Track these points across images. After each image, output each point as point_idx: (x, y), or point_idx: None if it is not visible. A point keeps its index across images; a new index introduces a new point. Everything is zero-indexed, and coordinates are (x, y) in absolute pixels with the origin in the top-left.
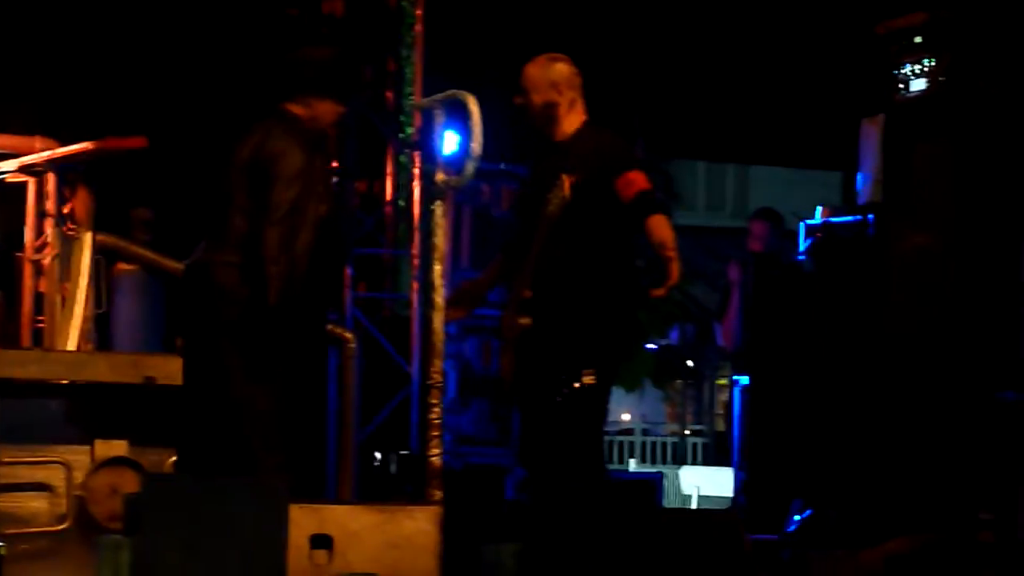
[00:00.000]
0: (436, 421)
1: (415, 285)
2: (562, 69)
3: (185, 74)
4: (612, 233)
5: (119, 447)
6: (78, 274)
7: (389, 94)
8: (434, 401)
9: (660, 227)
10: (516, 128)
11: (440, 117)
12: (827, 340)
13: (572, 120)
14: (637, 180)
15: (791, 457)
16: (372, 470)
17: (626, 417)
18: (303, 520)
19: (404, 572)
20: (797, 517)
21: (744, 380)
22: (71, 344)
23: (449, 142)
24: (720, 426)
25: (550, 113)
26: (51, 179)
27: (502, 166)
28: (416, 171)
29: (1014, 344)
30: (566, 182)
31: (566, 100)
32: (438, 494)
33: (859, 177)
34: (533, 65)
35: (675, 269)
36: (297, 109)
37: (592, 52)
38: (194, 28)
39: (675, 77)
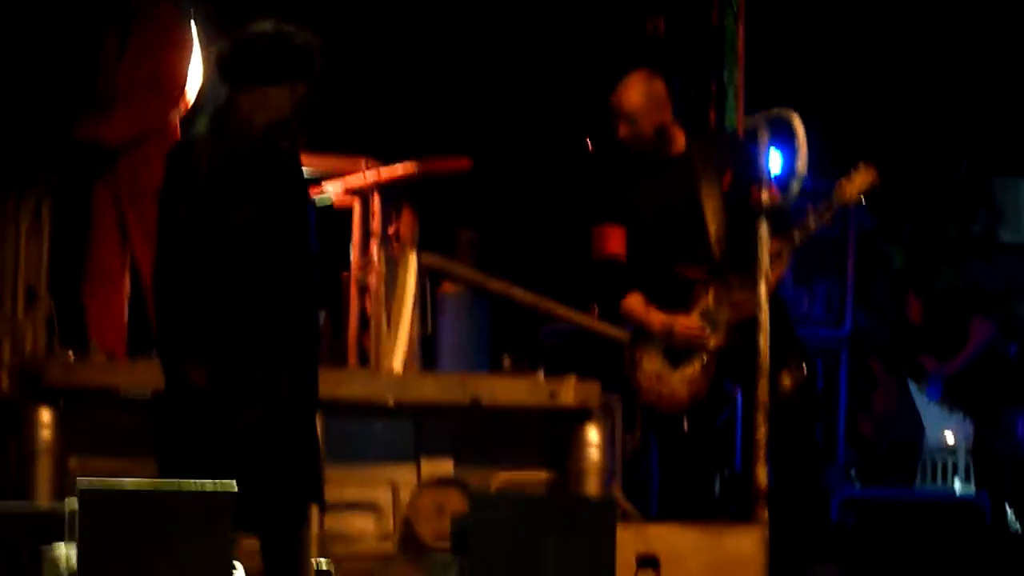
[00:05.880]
0: (762, 441)
1: None
2: (659, 85)
3: (510, 95)
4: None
5: (445, 466)
6: (403, 294)
7: (712, 114)
8: (759, 421)
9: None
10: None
11: (764, 136)
12: None
13: (677, 130)
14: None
15: None
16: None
17: (950, 437)
18: (630, 540)
19: None
20: None
21: None
22: (397, 364)
23: (774, 161)
24: None
25: (664, 134)
26: (376, 200)
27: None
28: None
29: None
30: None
31: (670, 114)
32: (764, 514)
33: None
34: (631, 92)
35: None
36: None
37: (917, 73)
38: (516, 51)
39: (1000, 94)
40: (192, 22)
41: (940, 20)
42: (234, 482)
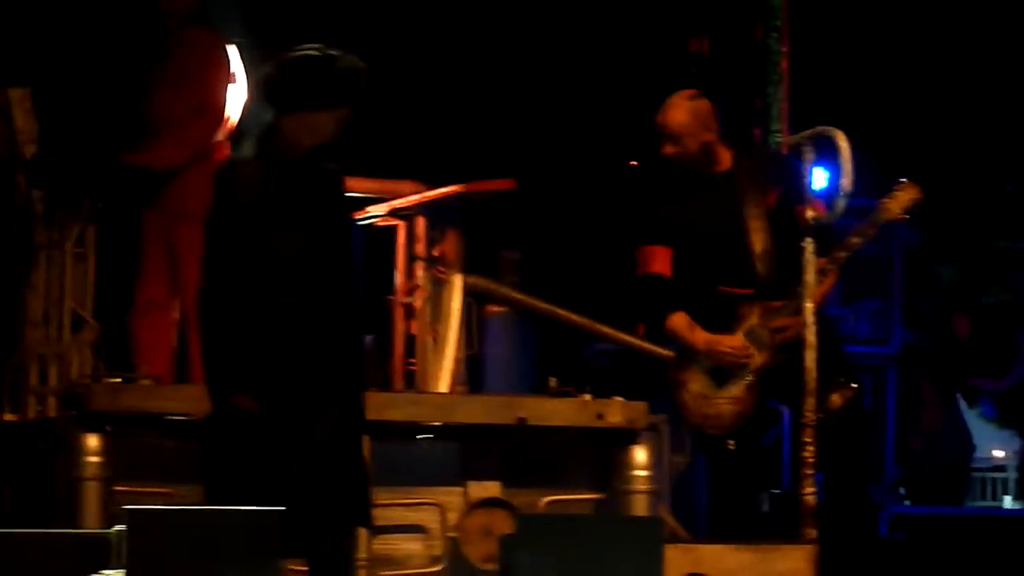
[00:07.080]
0: (809, 459)
1: None
2: (704, 104)
3: (555, 116)
4: None
5: (492, 488)
6: (448, 316)
7: (756, 131)
8: (807, 439)
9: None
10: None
11: (809, 154)
12: None
13: (723, 148)
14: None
15: None
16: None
17: (999, 454)
18: (678, 559)
19: None
20: None
21: None
22: (443, 386)
23: (818, 178)
24: None
25: (709, 152)
26: (421, 222)
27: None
28: None
29: None
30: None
31: (716, 133)
32: (812, 533)
33: None
34: (676, 111)
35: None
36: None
37: (964, 88)
38: (561, 72)
39: None
40: (229, 45)
41: (987, 37)
42: (281, 507)
